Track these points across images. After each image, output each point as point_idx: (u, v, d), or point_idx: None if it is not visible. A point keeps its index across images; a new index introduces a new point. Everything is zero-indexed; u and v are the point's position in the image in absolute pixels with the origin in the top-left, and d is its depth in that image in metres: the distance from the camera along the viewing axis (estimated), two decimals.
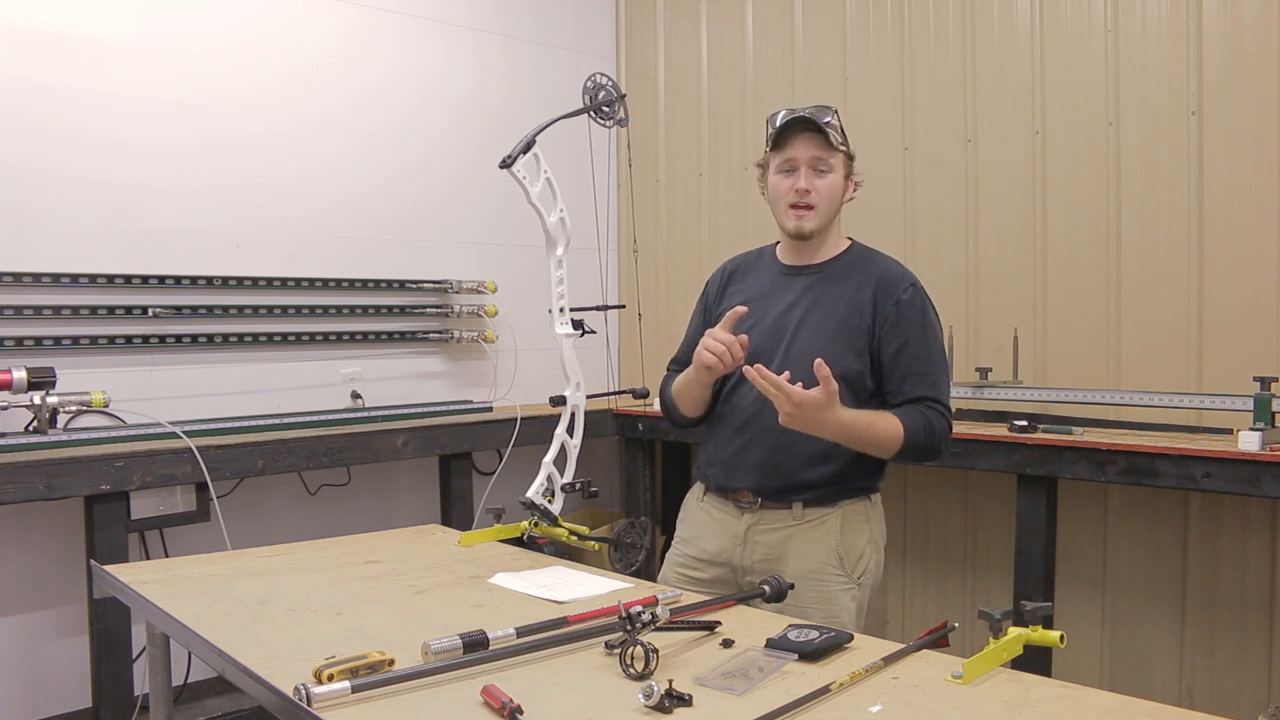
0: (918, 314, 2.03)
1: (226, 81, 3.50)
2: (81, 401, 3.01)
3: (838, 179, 2.07)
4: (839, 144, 2.06)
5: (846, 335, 2.03)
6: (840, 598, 2.02)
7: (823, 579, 2.01)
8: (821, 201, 2.06)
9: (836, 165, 2.06)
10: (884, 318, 2.02)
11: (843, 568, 2.04)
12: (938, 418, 2.00)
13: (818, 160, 2.05)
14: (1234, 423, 2.80)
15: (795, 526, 2.06)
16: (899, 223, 3.73)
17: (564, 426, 2.34)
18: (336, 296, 3.76)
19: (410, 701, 1.34)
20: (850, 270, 2.09)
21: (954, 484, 3.66)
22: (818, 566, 2.03)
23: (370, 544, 2.36)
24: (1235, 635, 3.07)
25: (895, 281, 2.05)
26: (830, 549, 2.04)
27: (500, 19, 4.28)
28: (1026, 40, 3.42)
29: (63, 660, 3.18)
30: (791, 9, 4.08)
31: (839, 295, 2.06)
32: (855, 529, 2.07)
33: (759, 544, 2.08)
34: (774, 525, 2.07)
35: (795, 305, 2.11)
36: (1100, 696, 1.35)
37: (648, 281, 4.51)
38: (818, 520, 2.05)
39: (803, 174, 2.05)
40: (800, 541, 2.05)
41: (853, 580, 2.05)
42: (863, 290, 2.04)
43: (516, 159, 2.23)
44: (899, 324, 2.01)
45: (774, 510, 2.07)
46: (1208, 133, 3.05)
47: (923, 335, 2.03)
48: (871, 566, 2.09)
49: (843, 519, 2.05)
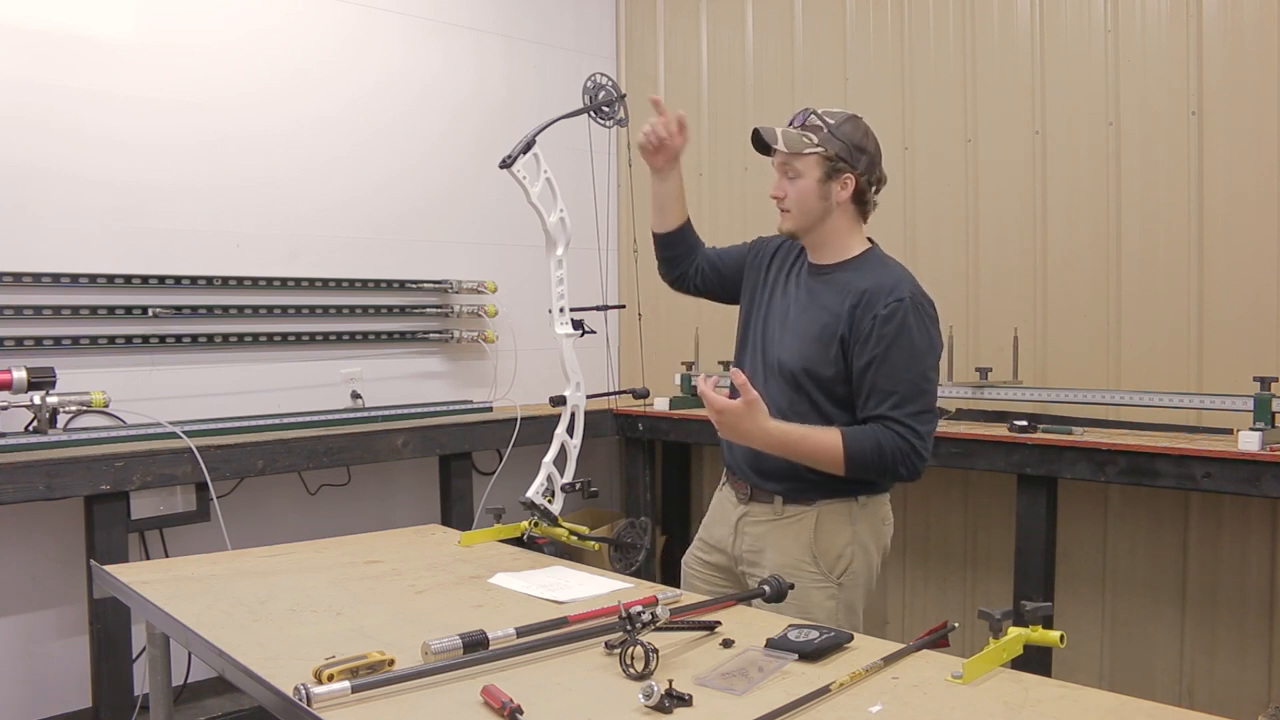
0: (893, 331, 1.97)
1: (226, 81, 3.50)
2: (81, 401, 3.01)
3: (809, 182, 2.06)
4: (806, 149, 2.04)
5: (824, 341, 2.05)
6: (814, 595, 2.04)
7: (797, 575, 2.00)
8: (794, 205, 2.09)
9: (806, 169, 2.06)
10: (859, 331, 2.00)
11: (817, 566, 2.06)
12: (892, 439, 1.94)
13: (785, 165, 2.09)
14: (1234, 423, 2.80)
15: (775, 521, 2.11)
16: (899, 223, 3.73)
17: (564, 426, 2.34)
18: (336, 296, 3.76)
19: (410, 701, 1.34)
20: (852, 277, 2.08)
21: (954, 484, 3.66)
22: (793, 562, 2.06)
23: (370, 544, 2.36)
24: (1235, 635, 3.07)
25: (880, 295, 2.01)
26: (805, 546, 2.07)
27: (500, 19, 4.28)
28: (1026, 40, 3.42)
29: (63, 660, 3.18)
30: (791, 9, 4.08)
31: (829, 300, 2.08)
32: (834, 529, 2.07)
33: (746, 534, 2.16)
34: (759, 518, 2.14)
35: (796, 303, 2.15)
36: (1100, 696, 1.35)
37: (648, 281, 4.46)
38: (795, 517, 2.09)
39: (776, 180, 2.11)
40: (779, 536, 2.10)
41: (830, 580, 2.06)
42: (847, 300, 2.04)
43: (516, 159, 2.23)
44: (870, 339, 1.99)
45: (760, 504, 2.14)
46: (1208, 133, 3.05)
47: (894, 353, 1.97)
48: (858, 568, 2.08)
49: (819, 518, 2.07)
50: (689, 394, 4.00)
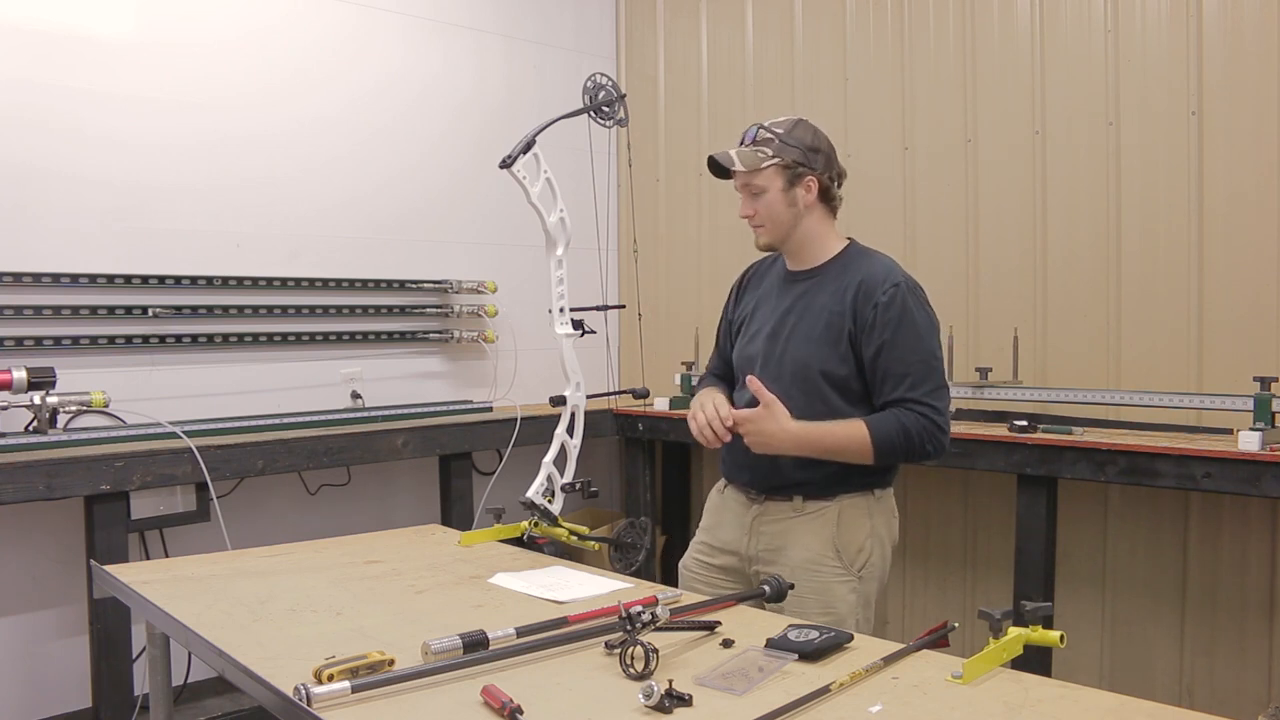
0: (896, 315, 2.03)
1: (226, 81, 3.50)
2: (81, 401, 3.01)
3: (774, 195, 2.12)
4: (763, 163, 2.10)
5: (831, 339, 2.08)
6: (838, 589, 2.06)
7: (820, 569, 2.05)
8: (765, 219, 2.15)
9: (768, 182, 2.12)
10: (863, 321, 2.05)
11: (840, 559, 2.08)
12: (915, 419, 2.00)
13: (746, 185, 2.15)
14: (1234, 423, 2.80)
15: (795, 518, 2.12)
16: (899, 223, 3.74)
17: (564, 426, 2.34)
18: (336, 296, 3.76)
19: (410, 701, 1.34)
20: (841, 273, 2.13)
21: (954, 484, 3.66)
22: (815, 557, 2.07)
23: (370, 544, 2.36)
24: (1235, 635, 3.07)
25: (876, 284, 2.06)
26: (828, 540, 2.08)
27: (500, 19, 4.28)
28: (1026, 40, 3.42)
29: (63, 660, 3.18)
30: (791, 9, 4.08)
31: (826, 299, 2.12)
32: (855, 522, 2.10)
33: (763, 533, 2.15)
34: (777, 516, 2.14)
35: (790, 311, 2.17)
36: (1100, 696, 1.35)
37: (648, 281, 4.50)
38: (817, 512, 2.10)
39: (743, 200, 2.17)
40: (800, 532, 2.10)
41: (852, 573, 2.08)
42: (845, 294, 2.08)
43: (516, 159, 2.23)
44: (876, 326, 2.03)
45: (777, 502, 2.14)
46: (1208, 133, 3.05)
47: (901, 337, 2.03)
48: (875, 560, 2.11)
49: (841, 512, 2.09)
50: (689, 394, 4.00)
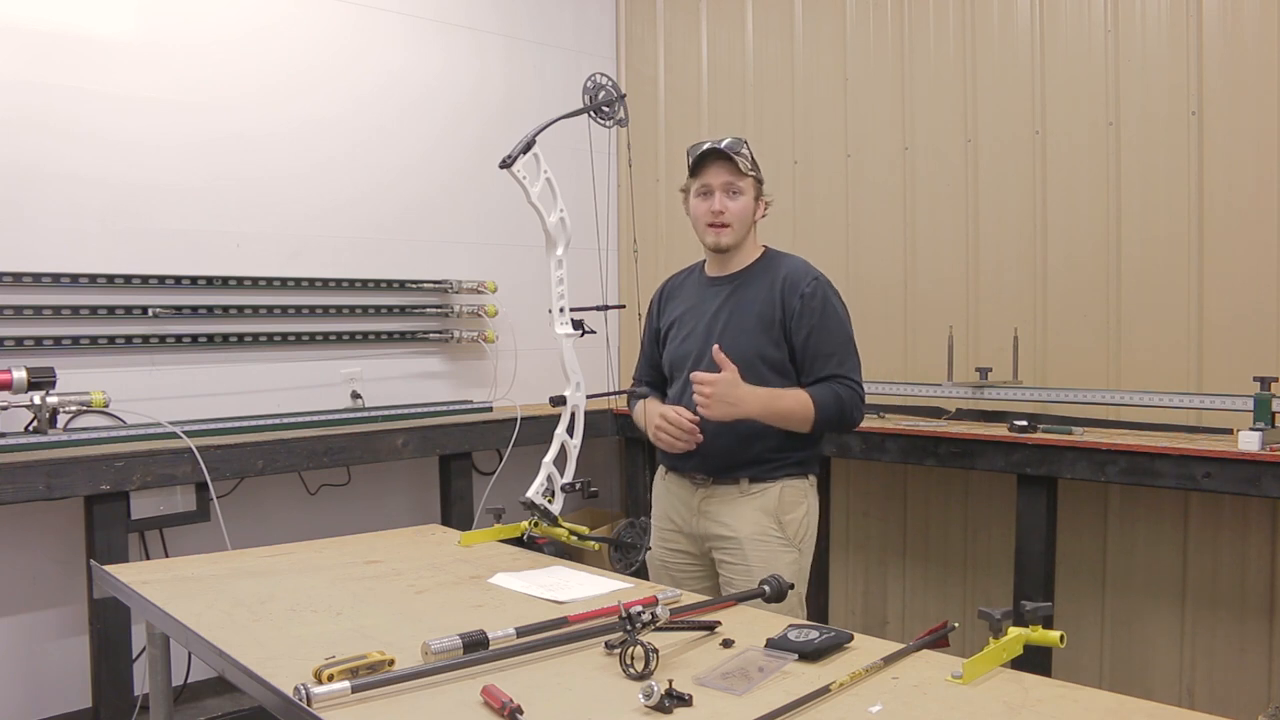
0: (819, 304, 2.35)
1: (227, 81, 3.50)
2: (81, 401, 3.00)
3: (748, 201, 2.40)
4: (748, 170, 2.38)
5: (764, 328, 2.36)
6: (783, 557, 2.35)
7: (767, 540, 2.35)
8: (734, 220, 2.39)
9: (746, 189, 2.39)
10: (791, 310, 2.35)
11: (783, 532, 2.37)
12: (845, 390, 2.33)
13: (729, 185, 2.38)
14: (1234, 423, 2.80)
15: (741, 498, 2.38)
16: (899, 223, 3.74)
17: (564, 426, 2.34)
18: (337, 296, 3.76)
19: (410, 701, 1.34)
20: (764, 273, 2.42)
21: (954, 484, 3.66)
22: (762, 530, 2.36)
23: (370, 544, 2.36)
24: (1235, 635, 3.07)
25: (799, 279, 2.37)
26: (771, 515, 2.37)
27: (500, 19, 4.28)
28: (1026, 40, 3.42)
29: (63, 660, 3.18)
30: (791, 9, 4.08)
31: (755, 296, 2.40)
32: (794, 501, 2.39)
33: (710, 513, 2.41)
34: (724, 498, 2.40)
35: (721, 310, 2.42)
36: (1100, 696, 1.35)
37: (648, 281, 4.48)
38: (761, 492, 2.37)
39: (717, 197, 2.38)
40: (747, 509, 2.38)
41: (793, 545, 2.38)
42: (772, 289, 2.38)
43: (516, 159, 2.23)
44: (804, 314, 2.34)
45: (724, 485, 2.40)
46: (1208, 133, 3.05)
47: (826, 322, 2.35)
48: (810, 536, 2.43)
49: (782, 491, 2.38)
50: None
